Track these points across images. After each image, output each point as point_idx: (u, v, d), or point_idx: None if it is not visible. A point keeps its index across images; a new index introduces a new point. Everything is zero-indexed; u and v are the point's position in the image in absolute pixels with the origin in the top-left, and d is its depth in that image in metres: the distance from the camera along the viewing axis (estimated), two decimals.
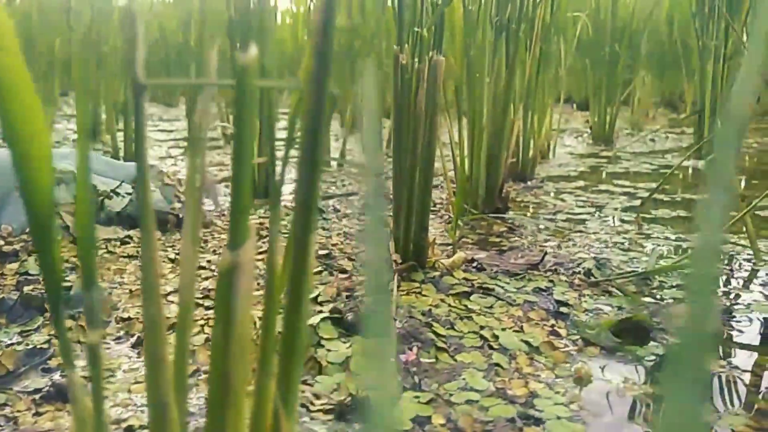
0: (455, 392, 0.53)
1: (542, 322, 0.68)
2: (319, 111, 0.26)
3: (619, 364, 0.61)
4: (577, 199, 1.41)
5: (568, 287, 0.80)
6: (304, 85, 0.26)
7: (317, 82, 0.25)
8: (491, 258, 0.93)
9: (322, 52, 0.24)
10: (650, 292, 0.80)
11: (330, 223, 1.12)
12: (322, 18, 0.24)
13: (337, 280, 0.78)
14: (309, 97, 0.25)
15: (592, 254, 0.96)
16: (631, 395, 0.54)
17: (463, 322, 0.66)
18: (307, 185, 0.27)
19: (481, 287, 0.76)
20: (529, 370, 0.58)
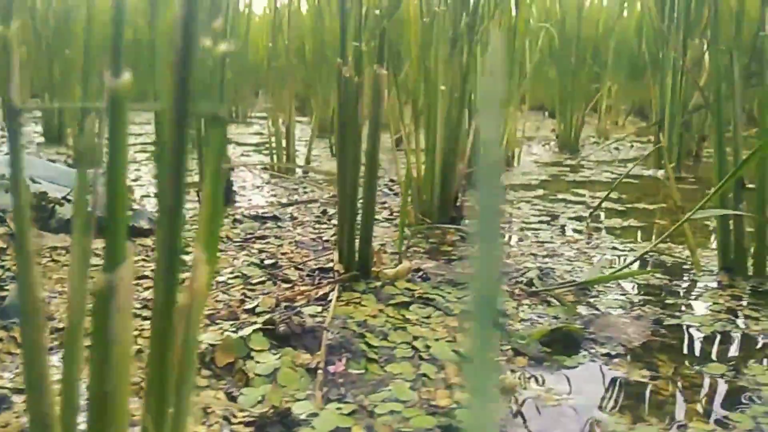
0: (379, 403, 0.54)
1: None
2: (180, 136, 0.26)
3: (545, 373, 0.62)
4: (534, 208, 1.44)
5: (509, 297, 0.81)
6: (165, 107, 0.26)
7: (178, 106, 0.26)
8: (439, 268, 0.95)
9: (182, 78, 0.25)
10: (588, 302, 0.82)
11: (284, 231, 1.13)
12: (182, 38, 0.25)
13: (278, 290, 0.78)
14: (170, 124, 0.26)
15: (538, 264, 0.98)
16: (552, 405, 0.56)
17: (397, 333, 0.67)
18: (170, 210, 0.28)
19: (421, 297, 0.77)
20: (457, 380, 0.59)
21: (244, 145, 2.56)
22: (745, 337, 0.72)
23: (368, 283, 0.79)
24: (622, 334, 0.72)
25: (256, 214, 1.24)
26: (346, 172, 0.81)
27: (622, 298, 0.84)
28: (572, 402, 0.57)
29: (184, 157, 0.27)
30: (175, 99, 0.26)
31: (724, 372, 0.63)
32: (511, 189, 1.67)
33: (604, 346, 0.69)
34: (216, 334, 0.62)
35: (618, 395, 0.58)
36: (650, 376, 0.62)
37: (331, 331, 0.63)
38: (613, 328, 0.73)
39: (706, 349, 0.69)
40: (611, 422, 0.53)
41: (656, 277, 0.93)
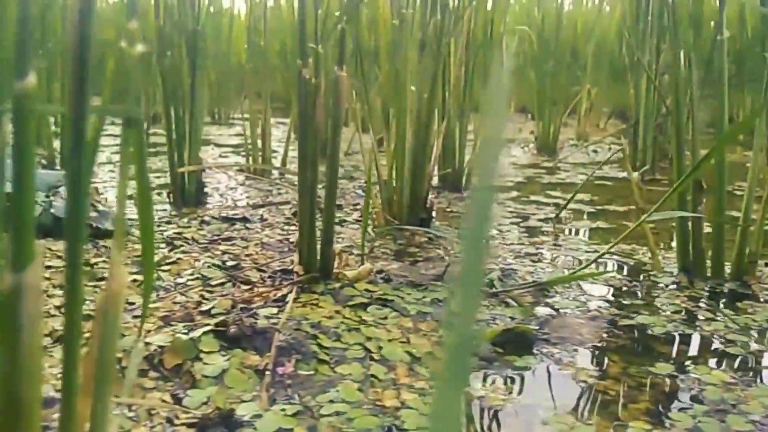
0: (325, 404, 0.54)
1: (431, 333, 0.70)
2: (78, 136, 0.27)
3: (494, 374, 0.62)
4: (505, 209, 1.45)
5: None
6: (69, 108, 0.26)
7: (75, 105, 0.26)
8: (402, 269, 0.95)
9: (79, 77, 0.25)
10: (546, 303, 0.82)
11: (252, 232, 1.13)
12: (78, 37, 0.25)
13: (237, 291, 0.78)
14: (70, 123, 0.26)
15: (502, 265, 0.98)
16: (496, 405, 0.56)
17: (351, 334, 0.67)
18: (72, 212, 0.28)
19: (380, 299, 0.78)
20: (406, 381, 0.60)
21: (224, 146, 2.55)
22: (697, 337, 0.73)
23: (328, 285, 0.79)
24: (576, 334, 0.73)
25: (225, 216, 1.23)
26: (306, 174, 0.81)
27: (580, 298, 0.84)
28: (517, 402, 0.57)
29: (83, 157, 0.27)
30: (73, 99, 0.26)
31: (672, 372, 0.64)
32: None
33: (557, 346, 0.69)
34: (167, 335, 0.62)
35: (564, 395, 0.59)
36: (598, 376, 0.63)
37: (282, 333, 0.63)
38: (568, 329, 0.74)
39: (657, 350, 0.70)
40: (553, 422, 0.54)
41: (616, 278, 0.94)
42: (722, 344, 0.71)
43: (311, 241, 0.83)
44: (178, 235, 1.06)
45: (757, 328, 0.76)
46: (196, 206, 1.35)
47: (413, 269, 0.94)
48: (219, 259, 0.91)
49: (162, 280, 0.82)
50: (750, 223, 0.90)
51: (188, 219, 1.21)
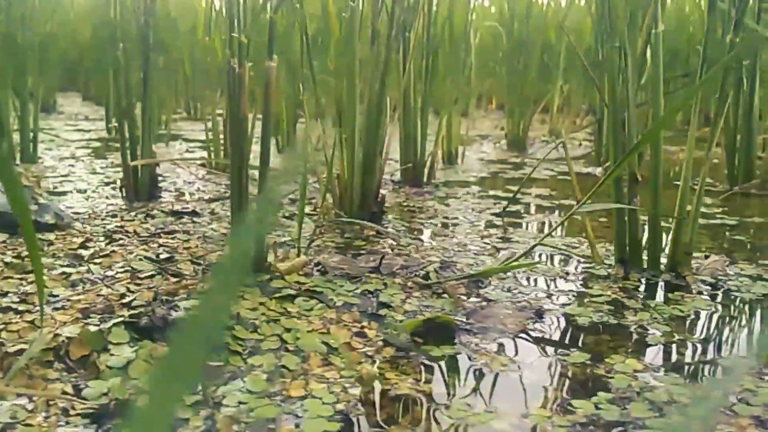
0: (230, 394, 0.54)
1: (354, 324, 0.70)
2: None
3: (409, 363, 0.63)
4: (462, 204, 1.45)
5: (400, 289, 0.82)
6: None
7: None
8: (342, 262, 0.95)
9: None
10: (478, 294, 0.83)
11: (198, 226, 1.12)
12: None
13: (166, 284, 0.77)
14: None
15: (444, 257, 0.99)
16: (403, 393, 0.56)
17: (270, 326, 0.67)
18: None
19: (309, 291, 0.78)
20: (318, 371, 0.60)
21: (193, 141, 2.54)
22: (618, 327, 0.73)
23: (257, 277, 0.79)
24: (500, 324, 0.73)
25: (175, 210, 1.22)
26: (237, 165, 0.81)
27: (513, 290, 0.85)
28: (425, 390, 0.57)
29: None
30: None
31: (585, 360, 0.64)
32: (447, 186, 1.69)
33: (478, 336, 0.70)
34: (78, 327, 0.61)
35: (474, 384, 0.59)
36: (511, 365, 0.63)
37: None
38: (493, 319, 0.74)
39: (577, 339, 0.70)
40: (456, 409, 0.54)
41: (555, 270, 0.94)
42: (643, 334, 0.71)
43: None
44: (120, 229, 1.05)
45: (681, 319, 0.76)
46: (149, 200, 1.34)
47: (353, 262, 0.94)
48: (154, 252, 0.90)
49: (91, 272, 0.81)
50: (682, 215, 0.91)
51: (136, 213, 1.19)
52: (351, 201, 1.23)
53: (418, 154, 1.70)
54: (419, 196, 1.54)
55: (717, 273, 0.95)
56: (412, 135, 1.69)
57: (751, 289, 0.87)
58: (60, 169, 1.77)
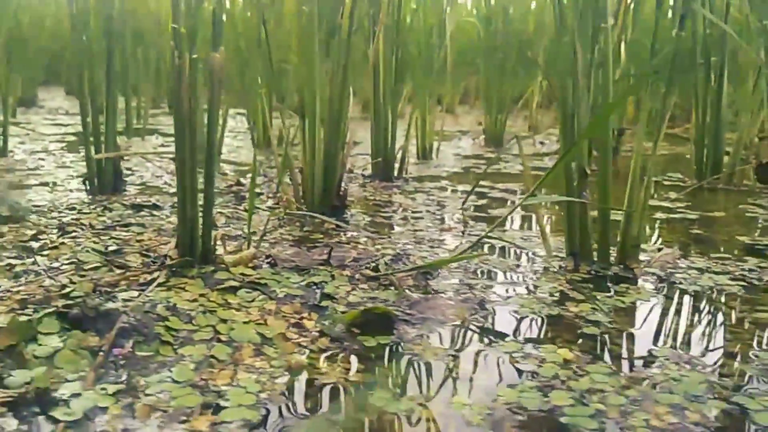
0: (153, 384, 0.54)
1: (293, 315, 0.70)
2: None
3: (340, 353, 0.63)
4: (429, 198, 1.45)
5: (347, 281, 0.82)
6: None
7: None
8: (296, 254, 0.95)
9: None
10: (426, 285, 0.83)
11: (156, 219, 1.12)
12: None
13: (108, 276, 0.77)
14: None
15: (399, 250, 0.99)
16: (329, 384, 0.57)
17: (206, 317, 0.67)
18: None
19: (254, 282, 0.78)
20: (248, 362, 0.60)
21: (169, 135, 2.53)
22: (558, 318, 0.74)
23: (202, 269, 0.79)
24: (440, 315, 0.74)
25: (136, 203, 1.22)
26: (183, 158, 0.81)
27: (462, 281, 0.85)
28: (354, 380, 0.58)
29: None
30: None
31: (517, 350, 0.65)
32: (417, 180, 1.69)
33: (416, 326, 0.70)
34: (8, 317, 0.61)
35: (404, 373, 0.60)
36: (443, 355, 0.63)
37: (130, 315, 0.63)
38: (435, 310, 0.75)
39: (513, 330, 0.71)
40: (379, 398, 0.54)
41: (507, 262, 0.95)
42: (581, 325, 0.72)
43: (194, 225, 0.83)
44: (75, 221, 1.04)
45: (622, 310, 0.77)
46: (113, 193, 1.34)
47: (307, 254, 0.94)
48: (103, 245, 0.90)
49: (37, 264, 0.81)
50: (631, 209, 0.92)
51: (96, 206, 1.19)
52: (312, 194, 1.23)
53: (388, 149, 1.70)
54: (387, 190, 1.54)
55: (667, 265, 0.96)
56: (383, 129, 1.69)
57: (697, 281, 0.88)
58: (29, 163, 1.76)
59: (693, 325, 0.74)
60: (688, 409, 0.53)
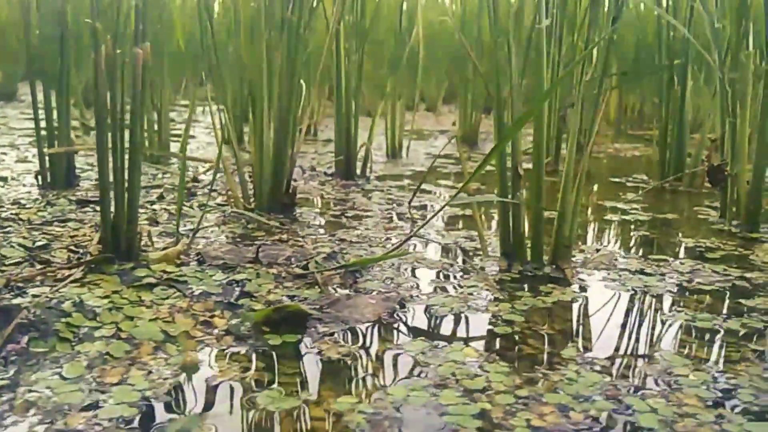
0: (41, 381, 0.54)
1: (203, 313, 0.70)
2: None
3: (239, 352, 0.63)
4: (385, 197, 1.45)
5: (272, 279, 0.82)
6: None
7: None
8: (229, 252, 0.95)
9: None
10: (352, 284, 0.83)
11: (98, 215, 1.11)
12: None
13: (25, 271, 0.77)
14: None
15: (337, 248, 0.99)
16: (223, 381, 0.57)
17: (111, 314, 0.66)
18: None
19: (172, 279, 0.77)
20: (145, 359, 0.59)
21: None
22: (474, 317, 0.74)
23: (122, 265, 0.79)
24: (357, 314, 0.73)
25: (83, 199, 1.21)
26: (103, 154, 0.80)
27: (390, 280, 0.85)
28: (249, 377, 0.57)
29: None
30: None
31: (423, 349, 0.65)
32: (379, 179, 1.69)
33: (329, 325, 0.70)
34: None
35: (301, 371, 0.59)
36: (347, 354, 0.63)
37: (31, 311, 0.62)
38: (353, 309, 0.75)
39: (426, 329, 0.71)
40: (267, 397, 0.54)
41: (441, 261, 0.95)
42: (495, 324, 0.72)
43: (118, 221, 0.82)
44: (14, 216, 1.04)
45: (540, 310, 0.77)
46: (66, 189, 1.33)
47: (240, 252, 0.94)
48: (32, 240, 0.89)
49: None
50: (564, 209, 0.92)
51: (42, 201, 1.18)
52: (261, 192, 1.23)
53: (350, 147, 1.70)
54: (345, 189, 1.54)
55: (602, 266, 0.96)
56: (345, 128, 1.69)
57: (626, 283, 0.89)
58: None
59: (607, 326, 0.74)
60: (573, 410, 0.54)
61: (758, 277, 0.93)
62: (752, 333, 0.72)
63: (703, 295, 0.85)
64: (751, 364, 0.64)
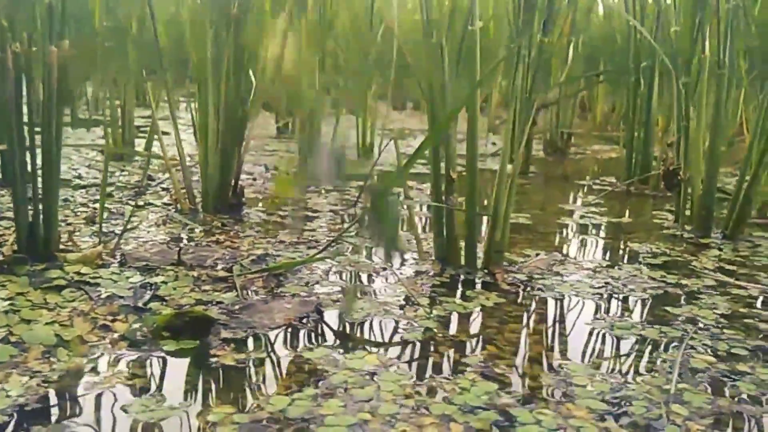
0: None
1: (105, 317, 0.68)
2: None
3: (131, 357, 0.61)
4: (341, 197, 1.44)
5: (190, 282, 0.81)
6: None
7: None
8: (157, 253, 0.93)
9: None
10: (272, 287, 0.81)
11: None
12: None
13: None
14: None
15: (273, 250, 0.97)
16: (104, 388, 0.55)
17: (7, 317, 0.65)
18: None
19: (84, 282, 0.76)
20: (30, 364, 0.58)
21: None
22: (387, 323, 0.73)
23: (34, 266, 0.77)
24: (267, 319, 0.72)
25: None
26: (12, 154, 0.79)
27: (314, 284, 0.83)
28: (133, 385, 0.56)
29: None
30: None
31: (326, 355, 0.63)
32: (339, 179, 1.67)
33: (234, 330, 0.68)
34: None
35: (191, 379, 0.58)
36: (242, 361, 0.62)
37: None
38: (265, 314, 0.73)
39: (336, 334, 0.69)
40: (138, 406, 0.53)
41: (374, 265, 0.93)
42: (406, 330, 0.71)
43: (35, 221, 0.81)
44: None
45: (459, 316, 0.76)
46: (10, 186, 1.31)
47: (169, 253, 0.93)
48: None
49: None
50: (497, 214, 0.91)
51: None
52: (207, 191, 1.21)
53: (311, 147, 1.68)
54: (304, 188, 1.52)
55: (536, 271, 0.95)
56: (308, 127, 1.68)
57: (555, 288, 0.87)
58: None
59: (522, 333, 0.73)
60: (455, 421, 0.52)
61: (693, 284, 0.91)
62: (669, 342, 0.71)
63: (630, 303, 0.83)
64: (657, 375, 0.62)
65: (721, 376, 0.63)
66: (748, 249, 1.13)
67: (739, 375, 0.63)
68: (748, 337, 0.73)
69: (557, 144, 2.48)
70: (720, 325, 0.76)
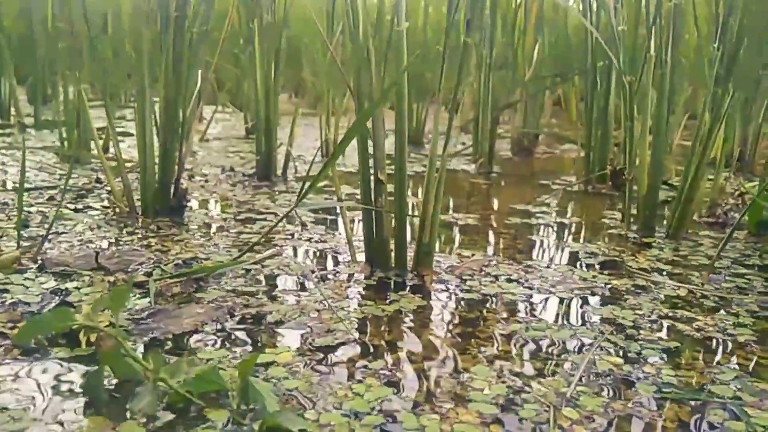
0: None
1: (5, 324, 0.67)
2: None
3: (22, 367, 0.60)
4: (292, 199, 1.42)
5: (106, 288, 0.79)
6: None
7: None
8: (81, 257, 0.91)
9: None
10: (195, 292, 0.80)
11: None
12: None
13: None
14: None
15: (203, 254, 0.96)
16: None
17: None
18: None
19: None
20: None
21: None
22: (302, 326, 0.71)
23: None
24: (173, 326, 0.70)
25: None
26: None
27: (238, 288, 0.82)
28: (18, 393, 0.55)
29: None
30: None
31: (224, 357, 0.62)
32: (298, 181, 1.66)
33: (133, 337, 0.67)
34: None
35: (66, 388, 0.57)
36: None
37: None
38: (172, 320, 0.72)
39: (244, 337, 0.68)
40: (13, 419, 0.51)
41: (307, 267, 0.92)
42: (320, 334, 0.70)
43: None
44: None
45: (377, 319, 0.75)
46: None
47: (90, 258, 0.91)
48: None
49: None
50: (425, 216, 0.90)
51: None
52: (146, 194, 1.19)
53: (271, 146, 1.67)
54: (256, 190, 1.51)
55: (466, 273, 0.94)
56: (263, 126, 1.66)
57: (482, 290, 0.86)
58: None
59: (436, 336, 0.72)
60: (338, 428, 0.51)
61: (623, 285, 0.91)
62: (581, 345, 0.70)
63: (553, 304, 0.83)
64: (559, 378, 0.62)
65: (623, 378, 0.62)
66: (689, 249, 1.13)
67: (643, 377, 0.63)
68: (662, 339, 0.72)
69: (523, 143, 2.49)
70: (637, 327, 0.75)
